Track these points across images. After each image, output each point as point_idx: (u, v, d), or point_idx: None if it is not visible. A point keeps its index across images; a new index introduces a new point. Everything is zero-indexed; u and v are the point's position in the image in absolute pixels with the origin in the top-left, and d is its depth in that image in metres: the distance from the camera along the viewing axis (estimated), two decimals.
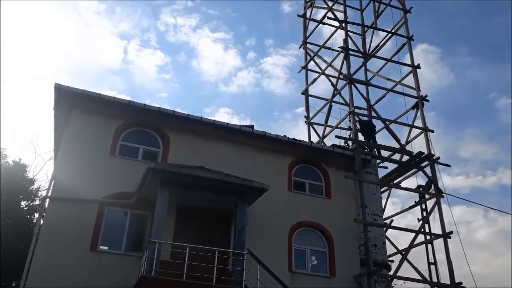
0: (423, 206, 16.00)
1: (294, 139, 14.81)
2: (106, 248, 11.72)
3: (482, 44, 53.87)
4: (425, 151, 15.89)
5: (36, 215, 20.44)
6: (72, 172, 12.11)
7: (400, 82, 18.05)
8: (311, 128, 19.14)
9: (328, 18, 19.32)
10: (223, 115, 57.70)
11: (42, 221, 12.24)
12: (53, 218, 11.48)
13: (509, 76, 51.76)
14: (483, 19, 54.53)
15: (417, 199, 16.37)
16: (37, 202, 21.30)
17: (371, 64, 20.01)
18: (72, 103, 12.81)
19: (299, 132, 63.42)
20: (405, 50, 18.80)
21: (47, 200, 12.02)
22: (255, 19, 59.80)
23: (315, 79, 19.84)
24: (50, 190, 12.13)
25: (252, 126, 14.99)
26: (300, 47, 20.96)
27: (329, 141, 17.65)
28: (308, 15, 21.20)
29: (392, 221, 16.46)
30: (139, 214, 12.27)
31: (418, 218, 15.96)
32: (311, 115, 19.40)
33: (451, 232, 14.54)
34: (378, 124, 17.67)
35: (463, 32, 53.21)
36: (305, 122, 19.38)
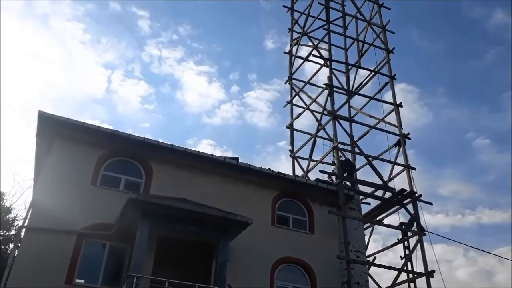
0: (406, 244, 16.00)
1: (278, 172, 14.82)
2: (82, 281, 11.28)
3: (458, 86, 55.80)
4: (407, 188, 16.04)
5: (11, 245, 19.77)
6: (51, 202, 11.81)
7: (383, 120, 18.41)
8: (295, 162, 19.22)
9: (313, 55, 19.79)
10: (205, 147, 57.77)
11: (16, 252, 11.82)
12: (29, 249, 11.09)
13: (484, 117, 53.48)
14: (459, 62, 56.75)
15: (397, 237, 16.40)
16: (12, 232, 20.65)
17: (354, 101, 20.43)
18: (55, 131, 12.66)
19: (282, 166, 63.78)
20: (386, 88, 19.31)
21: (23, 230, 11.66)
22: (239, 54, 61.09)
23: (300, 114, 20.11)
24: (27, 220, 11.78)
25: (236, 158, 14.97)
26: (285, 83, 21.34)
27: (313, 176, 17.73)
28: (293, 52, 21.70)
29: (375, 258, 16.38)
30: (118, 246, 11.95)
31: (400, 256, 15.95)
32: (295, 149, 19.53)
33: (433, 271, 14.51)
34: (361, 160, 17.89)
35: (440, 74, 55.11)
36: (290, 155, 19.47)
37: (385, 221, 16.86)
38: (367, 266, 15.01)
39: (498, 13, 56.00)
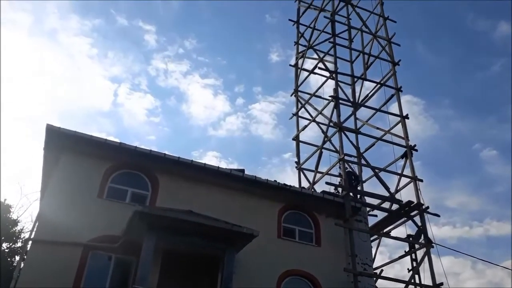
0: (413, 256, 15.83)
1: (284, 184, 14.79)
2: None
3: (464, 97, 55.67)
4: (414, 200, 15.92)
5: (17, 257, 19.81)
6: (57, 214, 11.86)
7: (389, 132, 18.37)
8: (301, 174, 19.17)
9: (319, 68, 19.87)
10: (211, 159, 57.79)
11: (22, 264, 11.84)
12: (34, 261, 11.12)
13: (491, 128, 53.21)
14: (464, 74, 56.68)
15: (404, 249, 16.24)
16: (19, 244, 20.70)
17: (360, 112, 20.43)
18: (63, 144, 12.77)
19: (287, 177, 63.70)
20: (392, 100, 19.29)
21: (30, 242, 11.70)
22: (244, 67, 61.55)
23: (306, 126, 20.12)
24: (34, 232, 11.83)
25: (242, 170, 14.97)
26: (291, 95, 21.40)
27: (319, 188, 17.66)
28: (299, 65, 21.81)
29: (382, 271, 16.21)
30: (124, 258, 11.94)
31: (408, 269, 15.74)
32: (301, 161, 19.50)
33: (441, 284, 14.32)
34: (367, 172, 17.81)
35: (446, 86, 55.03)
36: (296, 167, 19.44)
37: (392, 233, 16.75)
38: (374, 278, 14.85)
39: (502, 25, 56.15)
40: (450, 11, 54.86)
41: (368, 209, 16.56)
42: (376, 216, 17.21)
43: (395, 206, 16.23)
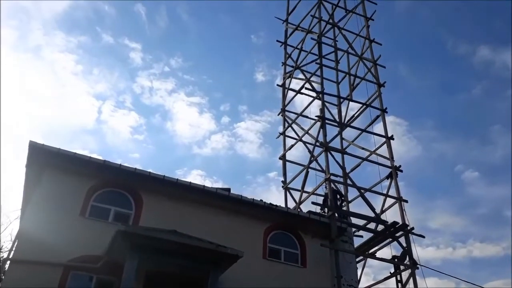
0: (398, 278, 15.78)
1: (270, 204, 14.72)
2: None
3: (447, 119, 56.55)
4: (398, 220, 15.96)
5: None
6: (38, 233, 11.57)
7: (375, 152, 18.51)
8: (287, 193, 19.13)
9: (306, 88, 20.07)
10: (195, 177, 57.37)
11: (0, 285, 11.50)
12: (12, 282, 10.79)
13: (473, 150, 54.10)
14: (446, 96, 57.79)
15: (388, 270, 16.20)
16: None
17: (346, 133, 20.58)
18: (45, 162, 12.58)
19: (272, 197, 63.47)
20: (377, 120, 19.53)
21: (8, 262, 11.39)
22: (230, 86, 61.68)
23: (292, 145, 20.19)
24: (13, 251, 11.52)
25: (228, 190, 14.87)
26: (278, 114, 21.53)
27: (305, 208, 17.60)
28: (286, 85, 22.00)
29: None
30: (105, 279, 11.66)
31: None
32: (287, 180, 19.48)
33: None
34: (353, 192, 17.84)
35: (428, 107, 55.88)
36: (282, 187, 19.41)
37: (377, 254, 16.69)
38: None
39: (483, 49, 57.61)
40: (432, 35, 56.27)
41: (353, 229, 16.54)
42: (361, 237, 17.19)
43: (380, 227, 16.23)
